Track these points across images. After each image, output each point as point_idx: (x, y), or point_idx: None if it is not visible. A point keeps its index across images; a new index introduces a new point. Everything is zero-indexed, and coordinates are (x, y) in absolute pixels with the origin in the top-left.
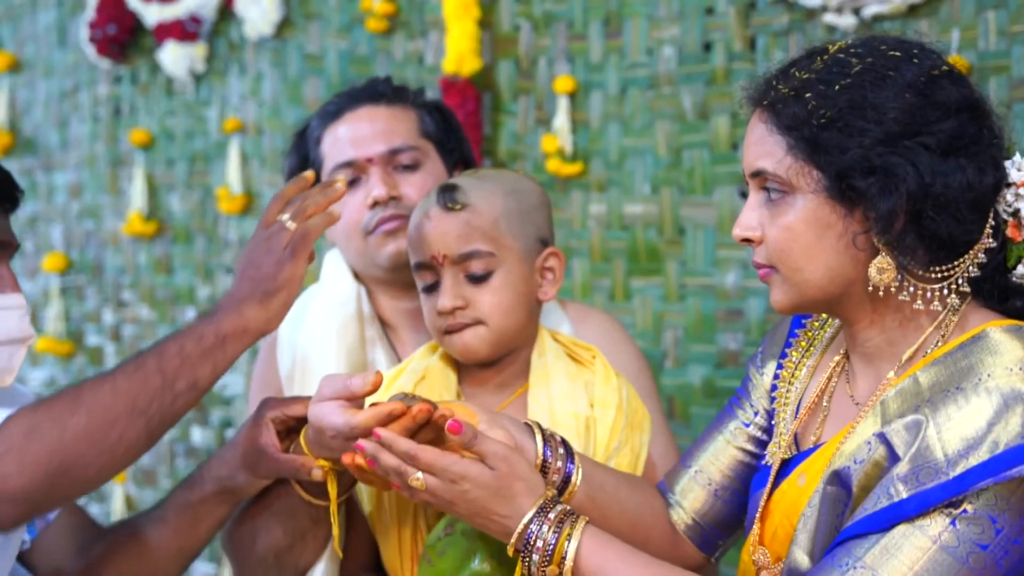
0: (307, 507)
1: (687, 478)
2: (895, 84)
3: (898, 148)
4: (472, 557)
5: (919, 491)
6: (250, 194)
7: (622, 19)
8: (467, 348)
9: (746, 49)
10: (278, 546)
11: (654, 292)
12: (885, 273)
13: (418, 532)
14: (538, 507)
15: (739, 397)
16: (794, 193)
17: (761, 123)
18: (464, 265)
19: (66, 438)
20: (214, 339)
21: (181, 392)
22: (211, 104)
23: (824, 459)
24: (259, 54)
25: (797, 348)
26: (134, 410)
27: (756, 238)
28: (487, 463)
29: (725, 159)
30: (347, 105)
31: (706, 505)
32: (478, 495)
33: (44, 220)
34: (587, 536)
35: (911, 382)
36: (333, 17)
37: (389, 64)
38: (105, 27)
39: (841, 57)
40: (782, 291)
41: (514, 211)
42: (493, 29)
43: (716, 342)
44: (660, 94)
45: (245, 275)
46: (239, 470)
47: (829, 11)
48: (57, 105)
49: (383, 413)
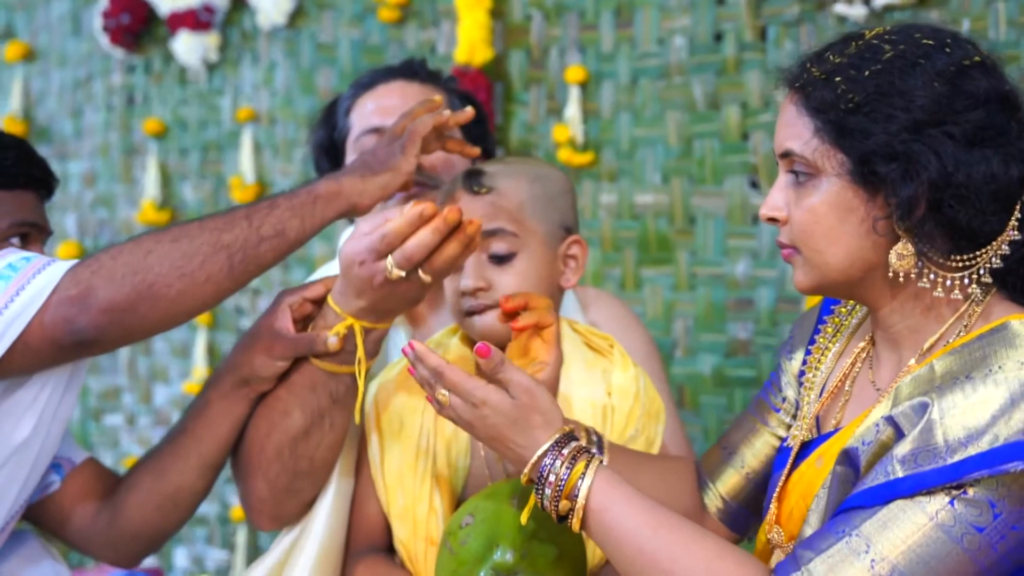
0: (327, 382)
1: (722, 461)
2: (924, 72)
3: (922, 136)
4: (495, 548)
5: (915, 472)
6: (262, 183)
7: (633, 9)
8: (488, 330)
9: (757, 39)
10: (295, 432)
11: (664, 281)
12: (905, 260)
13: (432, 513)
14: (554, 441)
15: (772, 383)
16: (819, 176)
17: (792, 105)
18: (487, 243)
19: (150, 260)
20: (306, 196)
21: (267, 236)
22: (224, 93)
23: (840, 443)
24: (272, 44)
25: (824, 334)
26: (218, 243)
27: (782, 218)
28: (509, 391)
29: (735, 149)
30: (381, 78)
31: (738, 487)
32: (496, 421)
33: (58, 209)
34: (600, 475)
35: (927, 370)
36: (346, 7)
37: (401, 54)
38: (119, 17)
39: (875, 43)
40: (803, 272)
41: (539, 196)
42: (505, 19)
43: (726, 331)
44: (671, 84)
45: (358, 160)
46: (255, 355)
47: (840, 1)
48: (71, 94)
49: (414, 215)
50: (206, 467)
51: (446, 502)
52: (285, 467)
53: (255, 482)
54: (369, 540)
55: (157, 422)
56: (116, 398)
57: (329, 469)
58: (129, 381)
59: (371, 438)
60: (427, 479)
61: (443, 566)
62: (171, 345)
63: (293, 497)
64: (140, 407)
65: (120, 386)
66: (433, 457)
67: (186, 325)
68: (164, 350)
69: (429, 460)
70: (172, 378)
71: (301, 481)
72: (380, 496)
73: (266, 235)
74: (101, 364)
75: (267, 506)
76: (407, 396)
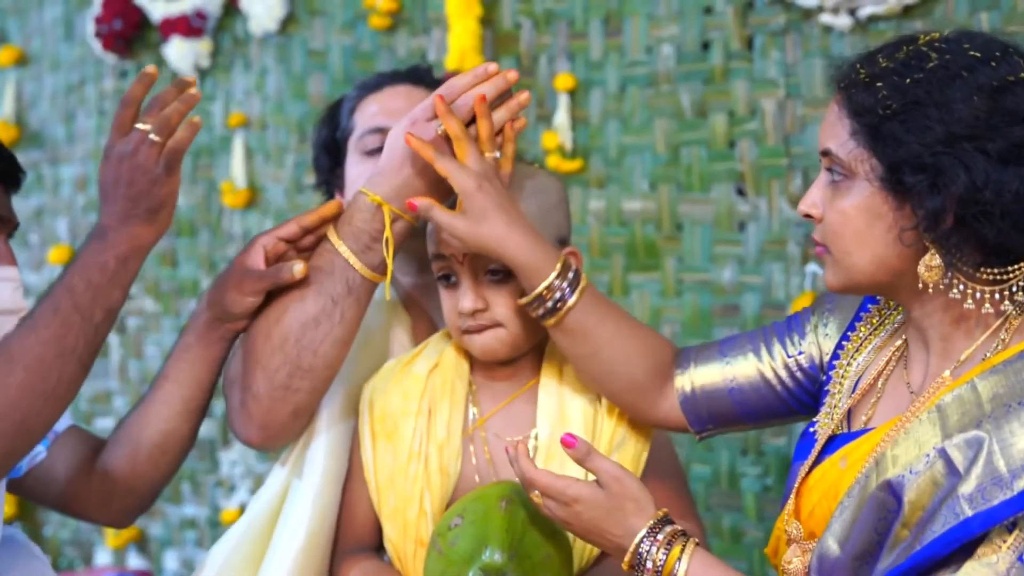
0: (345, 268)
1: (714, 360)
2: (966, 85)
3: (955, 149)
4: (483, 549)
5: (984, 509)
6: (254, 188)
7: (622, 18)
8: (486, 349)
9: (744, 48)
10: (306, 318)
11: (652, 287)
12: (933, 271)
13: (422, 515)
14: (649, 527)
15: (791, 327)
16: (853, 179)
17: (836, 105)
18: (484, 262)
19: (12, 396)
20: (115, 264)
21: (100, 322)
22: (216, 99)
23: (868, 446)
24: (263, 50)
25: (867, 324)
26: (63, 352)
27: (817, 215)
28: (599, 480)
29: (722, 156)
30: (387, 81)
31: (715, 390)
32: (592, 515)
33: (50, 213)
34: (696, 558)
35: (969, 390)
36: (337, 14)
37: (392, 61)
38: (111, 22)
39: (923, 50)
40: (833, 272)
41: (534, 214)
42: (495, 27)
43: (712, 336)
44: (659, 92)
45: (119, 192)
46: (226, 292)
47: (826, 11)
48: (63, 99)
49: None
50: (190, 411)
51: (436, 505)
52: (288, 358)
53: (253, 378)
54: (358, 539)
55: None
56: (107, 402)
57: (327, 374)
58: (120, 385)
59: (364, 439)
60: (418, 482)
61: (432, 566)
62: (162, 349)
63: (288, 400)
64: None
65: (111, 390)
66: (425, 461)
67: (177, 329)
68: (155, 354)
69: (421, 463)
70: None
71: (299, 379)
72: (372, 496)
73: (99, 321)
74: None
75: (260, 406)
76: (401, 400)
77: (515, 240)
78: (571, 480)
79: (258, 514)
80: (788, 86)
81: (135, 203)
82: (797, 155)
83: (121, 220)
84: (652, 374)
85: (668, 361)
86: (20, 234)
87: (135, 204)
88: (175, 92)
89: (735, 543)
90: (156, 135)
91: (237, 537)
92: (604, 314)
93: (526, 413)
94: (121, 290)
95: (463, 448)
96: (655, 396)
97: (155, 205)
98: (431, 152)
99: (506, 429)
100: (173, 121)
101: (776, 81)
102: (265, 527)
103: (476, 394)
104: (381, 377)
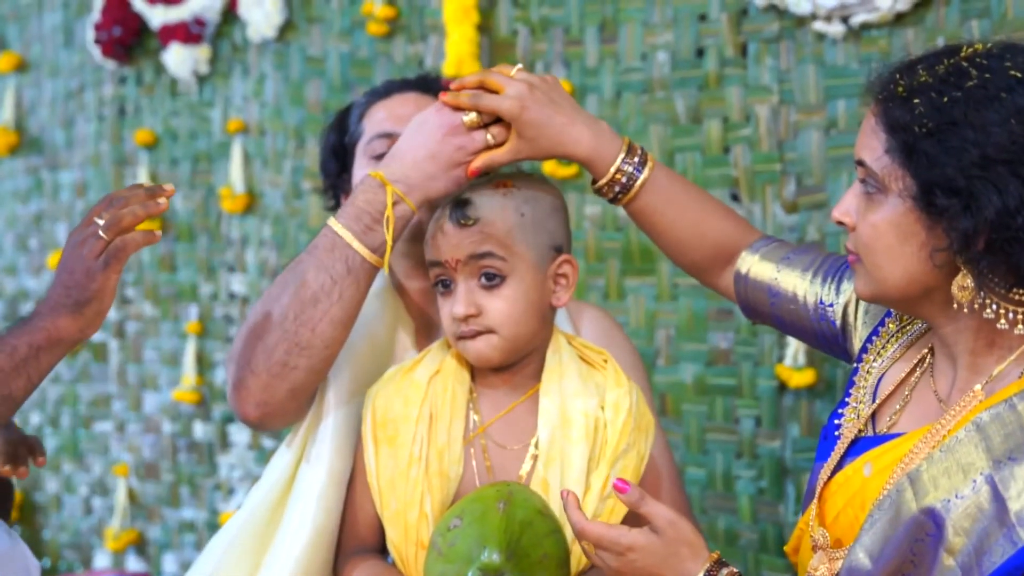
0: (345, 248)
1: (773, 260)
2: (1004, 107)
3: (989, 173)
4: (482, 549)
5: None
6: (252, 194)
7: (617, 25)
8: (480, 355)
9: (738, 55)
10: (303, 295)
11: (647, 292)
12: (966, 291)
13: (423, 518)
14: (706, 571)
15: (839, 274)
16: (886, 193)
17: (872, 116)
18: (478, 265)
19: None
20: (27, 351)
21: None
22: (214, 105)
23: (896, 454)
24: (262, 56)
25: (896, 320)
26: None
27: (850, 223)
28: (652, 525)
29: (716, 162)
30: (397, 89)
31: (760, 285)
32: (647, 563)
33: (49, 218)
34: None
35: (1008, 409)
36: (335, 20)
37: (390, 67)
38: (110, 29)
39: (963, 66)
40: (864, 282)
41: (528, 223)
42: (491, 34)
43: (707, 340)
44: (654, 98)
45: (59, 279)
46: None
47: (819, 19)
48: (63, 105)
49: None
50: None
51: (437, 508)
52: (286, 334)
53: (252, 353)
54: (361, 540)
55: (147, 429)
56: (106, 405)
57: (325, 354)
58: (119, 389)
59: (367, 443)
60: (419, 485)
61: (431, 567)
62: (161, 353)
63: (286, 377)
64: (130, 414)
65: (110, 394)
66: (426, 465)
67: (175, 333)
68: (154, 358)
69: (421, 468)
70: (162, 386)
71: (297, 357)
72: (375, 499)
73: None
74: (91, 372)
75: (258, 382)
76: (402, 405)
77: (573, 137)
78: (624, 529)
79: (260, 503)
80: (782, 92)
81: (67, 292)
82: (791, 161)
83: (51, 307)
84: (722, 248)
85: (740, 238)
86: (20, 239)
87: (67, 293)
88: (143, 196)
89: (730, 545)
90: (103, 232)
91: (237, 528)
92: (676, 188)
93: (527, 420)
94: (27, 380)
95: (463, 452)
96: (721, 270)
97: (84, 298)
98: (466, 96)
99: (507, 436)
100: (124, 223)
101: (770, 88)
102: (267, 517)
103: (477, 401)
104: (383, 383)
